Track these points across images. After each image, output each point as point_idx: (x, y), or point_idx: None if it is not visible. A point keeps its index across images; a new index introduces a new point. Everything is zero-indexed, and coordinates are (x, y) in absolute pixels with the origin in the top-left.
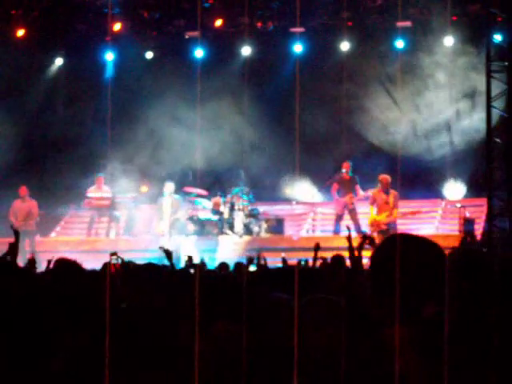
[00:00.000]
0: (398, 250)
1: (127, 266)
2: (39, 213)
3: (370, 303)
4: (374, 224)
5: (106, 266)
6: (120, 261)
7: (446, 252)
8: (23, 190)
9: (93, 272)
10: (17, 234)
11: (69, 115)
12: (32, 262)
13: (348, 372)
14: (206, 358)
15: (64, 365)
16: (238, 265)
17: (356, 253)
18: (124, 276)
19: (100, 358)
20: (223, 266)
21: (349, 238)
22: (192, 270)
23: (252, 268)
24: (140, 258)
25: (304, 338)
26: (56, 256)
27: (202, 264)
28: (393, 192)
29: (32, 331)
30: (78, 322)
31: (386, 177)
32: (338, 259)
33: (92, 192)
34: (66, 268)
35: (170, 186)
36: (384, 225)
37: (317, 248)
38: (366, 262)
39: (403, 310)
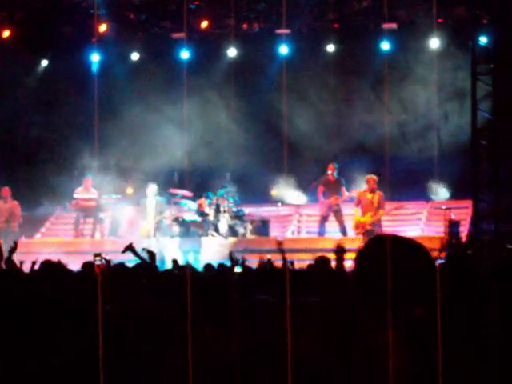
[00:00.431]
0: (388, 251)
1: (114, 267)
2: (23, 214)
3: (354, 305)
4: (359, 226)
5: (86, 266)
6: (104, 261)
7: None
8: (5, 191)
9: (77, 273)
10: None
11: (54, 116)
12: (11, 262)
13: (335, 376)
14: (195, 361)
15: (52, 364)
16: (222, 266)
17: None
18: (109, 277)
19: (88, 359)
20: (208, 267)
21: (338, 252)
22: (176, 272)
23: (237, 269)
24: (125, 260)
25: (291, 340)
26: (40, 258)
27: (189, 266)
28: (378, 192)
29: (21, 332)
30: (64, 324)
31: (372, 177)
32: (323, 261)
33: (79, 193)
34: (51, 270)
35: (153, 188)
36: (369, 225)
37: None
38: (349, 264)
39: (391, 313)
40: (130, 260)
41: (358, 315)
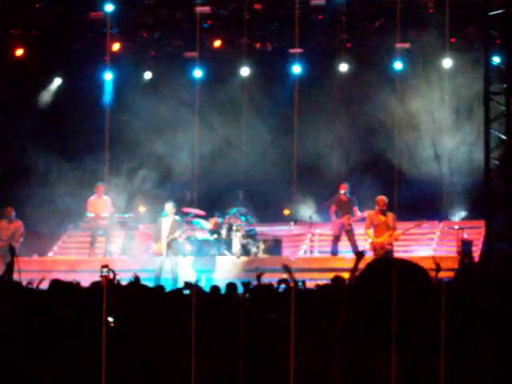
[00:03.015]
0: (394, 275)
1: (118, 283)
2: (34, 232)
3: (354, 326)
4: (378, 247)
5: (95, 284)
6: (111, 273)
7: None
8: (9, 211)
9: (86, 289)
10: (12, 251)
11: (66, 135)
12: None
13: None
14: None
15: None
16: (231, 286)
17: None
18: (114, 292)
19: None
20: (215, 288)
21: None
22: (186, 291)
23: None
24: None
25: (296, 359)
26: (46, 276)
27: (197, 286)
28: (390, 214)
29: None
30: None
31: (382, 198)
32: (338, 281)
33: (91, 205)
34: (60, 288)
35: (169, 207)
36: (388, 245)
37: (361, 255)
38: None
39: (392, 332)
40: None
41: (358, 336)
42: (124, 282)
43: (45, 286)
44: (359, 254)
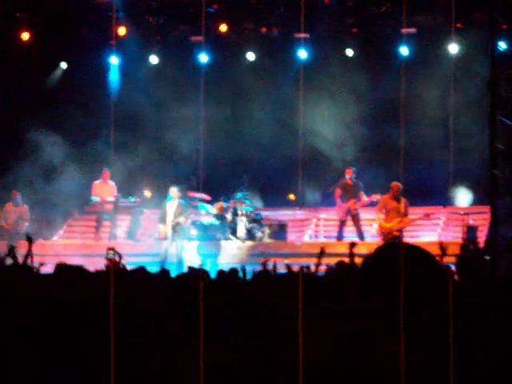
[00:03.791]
0: (402, 260)
1: (123, 267)
2: (39, 216)
3: (364, 311)
4: (386, 232)
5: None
6: (117, 256)
7: (449, 259)
8: (15, 194)
9: (93, 273)
10: (30, 239)
11: (71, 119)
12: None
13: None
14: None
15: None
16: (234, 271)
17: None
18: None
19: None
20: (221, 273)
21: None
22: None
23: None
24: (141, 263)
25: (304, 344)
26: (52, 260)
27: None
28: (403, 200)
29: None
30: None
31: (397, 184)
32: (342, 266)
33: (97, 189)
34: (65, 272)
35: (174, 191)
36: (396, 231)
37: (321, 254)
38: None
39: (401, 318)
40: (144, 263)
41: (368, 321)
42: (129, 267)
43: (46, 270)
44: (352, 244)
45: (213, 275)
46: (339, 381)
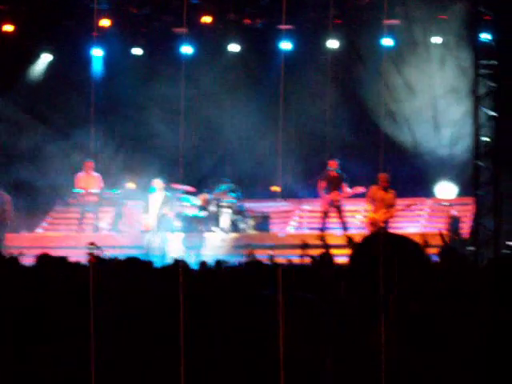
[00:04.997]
0: (382, 248)
1: (105, 259)
2: (23, 207)
3: (349, 302)
4: (373, 223)
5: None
6: (98, 250)
7: (432, 250)
8: None
9: (74, 264)
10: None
11: (55, 110)
12: None
13: (329, 373)
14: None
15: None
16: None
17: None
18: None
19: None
20: (203, 264)
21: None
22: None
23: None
24: (126, 254)
25: (287, 337)
26: (35, 252)
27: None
28: (391, 190)
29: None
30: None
31: (385, 175)
32: (326, 257)
33: (80, 181)
34: (48, 263)
35: (158, 182)
36: (382, 222)
37: (304, 246)
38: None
39: (388, 308)
40: (129, 254)
41: (353, 312)
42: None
43: (28, 261)
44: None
45: (195, 267)
46: (323, 373)
